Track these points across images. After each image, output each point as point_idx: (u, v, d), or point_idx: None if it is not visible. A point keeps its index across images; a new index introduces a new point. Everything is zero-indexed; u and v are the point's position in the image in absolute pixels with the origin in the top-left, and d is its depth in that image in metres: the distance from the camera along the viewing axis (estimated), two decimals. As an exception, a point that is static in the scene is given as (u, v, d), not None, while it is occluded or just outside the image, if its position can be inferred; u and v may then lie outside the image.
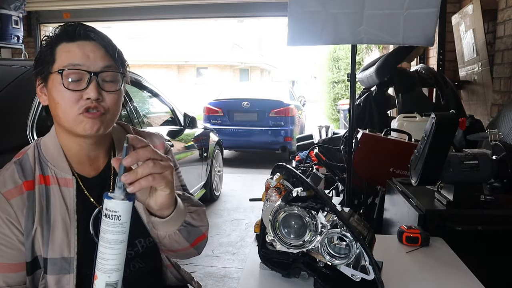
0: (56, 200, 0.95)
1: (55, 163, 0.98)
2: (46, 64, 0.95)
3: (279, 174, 1.06)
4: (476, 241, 1.42)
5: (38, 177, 0.95)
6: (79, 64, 0.92)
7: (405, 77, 3.46)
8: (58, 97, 0.93)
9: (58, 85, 0.93)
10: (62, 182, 0.97)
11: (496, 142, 1.49)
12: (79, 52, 0.93)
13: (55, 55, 0.94)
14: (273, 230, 1.01)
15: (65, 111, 0.93)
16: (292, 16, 2.17)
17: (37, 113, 1.97)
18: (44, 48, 0.97)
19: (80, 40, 0.94)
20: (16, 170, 0.95)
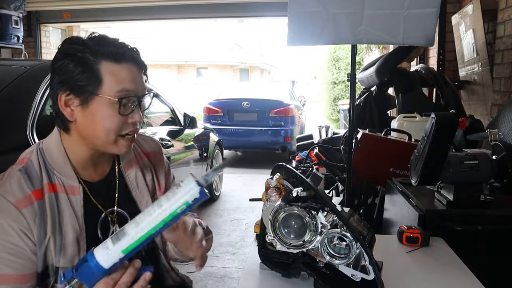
0: (65, 208, 0.94)
1: (60, 170, 0.96)
2: (88, 84, 0.91)
3: (279, 174, 1.06)
4: (476, 241, 1.41)
5: (47, 185, 0.93)
6: (131, 89, 0.93)
7: (405, 77, 3.46)
8: (105, 120, 0.92)
9: (107, 108, 0.92)
10: (69, 190, 0.95)
11: (496, 142, 1.50)
12: (129, 76, 0.93)
13: (100, 75, 0.91)
14: (273, 230, 1.01)
15: (108, 134, 0.93)
16: (292, 16, 2.17)
17: (37, 113, 1.97)
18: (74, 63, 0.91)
19: (126, 62, 0.94)
20: (22, 179, 0.91)
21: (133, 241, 0.74)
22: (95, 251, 0.74)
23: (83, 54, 0.91)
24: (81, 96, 0.92)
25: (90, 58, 0.91)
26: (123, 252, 0.74)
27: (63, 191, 0.95)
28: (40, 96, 2.01)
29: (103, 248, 0.74)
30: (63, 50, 0.94)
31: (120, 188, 1.05)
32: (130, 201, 1.06)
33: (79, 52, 0.91)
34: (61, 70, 0.92)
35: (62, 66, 0.92)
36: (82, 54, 0.91)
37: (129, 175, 1.07)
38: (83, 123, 0.94)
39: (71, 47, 0.92)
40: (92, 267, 0.73)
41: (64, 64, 0.92)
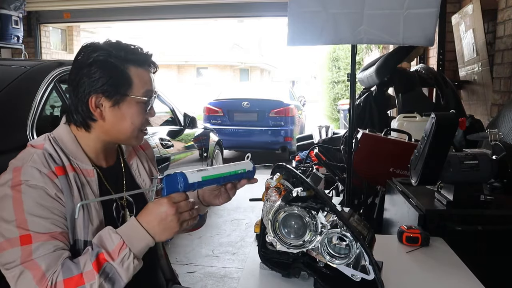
0: (86, 188, 1.02)
1: (74, 156, 1.03)
2: (119, 86, 1.01)
3: (279, 174, 1.06)
4: (476, 241, 1.42)
5: (69, 166, 1.01)
6: (152, 90, 1.07)
7: (405, 77, 3.46)
8: (134, 118, 1.04)
9: (135, 107, 1.04)
10: (85, 173, 1.04)
11: (496, 142, 1.50)
12: (150, 78, 1.07)
13: (130, 78, 1.03)
14: (273, 230, 1.01)
15: (134, 130, 1.06)
16: (292, 16, 2.17)
17: (37, 113, 1.97)
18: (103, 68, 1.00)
19: (147, 66, 1.07)
20: (46, 155, 0.98)
21: (210, 174, 0.99)
22: (184, 172, 0.94)
23: (111, 59, 1.01)
24: (113, 97, 1.02)
25: (118, 63, 1.02)
26: (202, 178, 0.97)
27: (80, 173, 1.03)
28: (40, 96, 2.01)
29: (189, 172, 0.95)
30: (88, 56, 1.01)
31: (126, 176, 1.16)
32: (135, 187, 1.17)
33: (107, 57, 1.01)
34: (91, 76, 1.00)
35: (91, 72, 1.00)
36: (111, 59, 1.01)
37: (132, 165, 1.20)
38: (112, 121, 1.04)
39: (97, 54, 1.01)
40: (179, 176, 0.92)
41: (93, 69, 1.00)
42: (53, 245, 0.91)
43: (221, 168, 1.04)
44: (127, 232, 0.92)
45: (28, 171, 0.94)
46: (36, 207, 0.92)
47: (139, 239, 0.92)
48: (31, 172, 0.94)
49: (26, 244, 0.90)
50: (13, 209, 0.91)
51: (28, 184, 0.93)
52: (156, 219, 0.92)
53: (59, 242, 0.93)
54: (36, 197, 0.93)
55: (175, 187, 0.93)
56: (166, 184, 0.92)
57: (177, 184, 0.93)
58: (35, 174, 0.94)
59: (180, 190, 0.93)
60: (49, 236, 0.91)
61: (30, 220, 0.91)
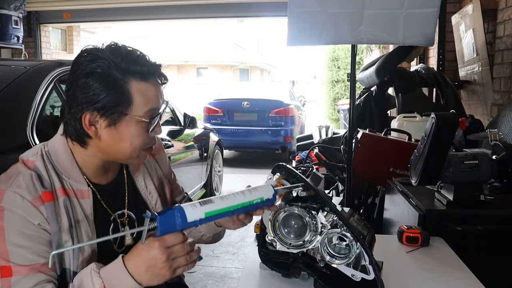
0: (77, 213, 0.93)
1: (68, 174, 0.94)
2: (118, 105, 0.88)
3: (279, 174, 1.06)
4: (476, 241, 1.42)
5: (60, 189, 0.92)
6: (157, 107, 0.94)
7: (405, 77, 3.46)
8: (133, 138, 0.92)
9: (135, 127, 0.91)
10: (78, 194, 0.94)
11: (496, 142, 1.49)
12: (156, 95, 0.93)
13: (131, 95, 0.89)
14: (273, 230, 1.01)
15: (134, 150, 0.94)
16: (292, 16, 2.17)
17: (37, 113, 1.97)
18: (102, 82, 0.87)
19: (153, 79, 0.93)
20: (34, 178, 0.89)
21: (216, 208, 0.84)
22: (182, 205, 0.81)
23: (111, 72, 0.88)
24: (110, 116, 0.89)
25: (118, 76, 0.88)
26: (205, 215, 0.83)
27: (73, 195, 0.94)
28: (40, 96, 2.01)
29: (190, 205, 0.82)
30: (86, 66, 0.88)
31: (129, 191, 1.05)
32: (140, 202, 1.07)
33: (106, 69, 0.88)
34: (86, 89, 0.88)
35: (87, 85, 0.88)
36: (110, 71, 0.88)
37: (138, 177, 1.08)
38: (108, 141, 0.92)
39: (95, 64, 0.88)
40: (176, 213, 0.79)
41: (89, 82, 0.87)
42: (36, 278, 0.84)
43: (231, 199, 0.88)
44: (111, 275, 0.82)
45: (10, 197, 0.86)
46: (18, 236, 0.85)
47: (123, 284, 0.81)
48: (13, 199, 0.86)
49: (6, 277, 0.83)
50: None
51: (10, 211, 0.85)
52: (144, 265, 0.80)
53: (42, 275, 0.86)
54: (18, 225, 0.85)
55: (171, 226, 0.79)
56: (160, 223, 0.78)
57: (174, 222, 0.79)
58: (17, 200, 0.86)
59: (178, 230, 0.80)
60: (30, 269, 0.85)
61: (12, 250, 0.84)
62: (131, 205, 1.05)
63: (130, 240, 0.98)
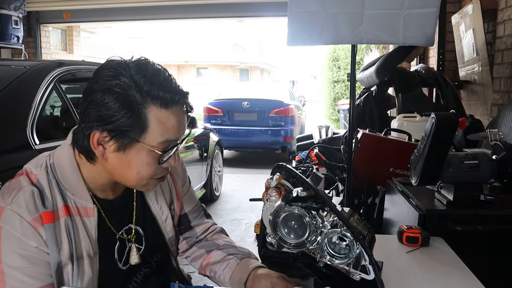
0: (80, 233, 0.89)
1: (73, 191, 0.89)
2: (131, 130, 0.82)
3: (279, 174, 1.06)
4: (476, 241, 1.41)
5: (62, 208, 0.87)
6: (175, 140, 0.87)
7: (405, 77, 3.46)
8: (142, 168, 0.86)
9: (146, 156, 0.85)
10: (83, 212, 0.90)
11: (496, 142, 1.49)
12: (176, 125, 0.85)
13: (147, 122, 0.82)
14: (273, 230, 1.01)
15: (141, 180, 0.88)
16: (292, 16, 2.17)
17: (37, 113, 1.97)
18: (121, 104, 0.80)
19: (176, 107, 0.84)
20: (35, 196, 0.84)
21: None
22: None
23: (130, 92, 0.81)
24: (121, 140, 0.83)
25: (137, 99, 0.81)
26: None
27: (77, 214, 0.89)
28: (40, 96, 2.01)
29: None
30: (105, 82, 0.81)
31: (138, 206, 1.01)
32: (149, 217, 1.03)
33: (126, 89, 0.81)
34: (101, 107, 0.81)
35: (103, 102, 0.81)
36: (129, 92, 0.81)
37: (149, 192, 1.02)
38: (115, 165, 0.87)
39: (115, 82, 0.81)
40: None
41: (105, 100, 0.81)
42: None
43: None
44: None
45: (9, 216, 0.82)
46: (14, 258, 0.81)
47: None
48: (11, 219, 0.82)
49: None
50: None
51: (7, 230, 0.82)
52: None
53: None
54: (15, 247, 0.81)
55: None
56: None
57: None
58: (16, 221, 0.82)
59: None
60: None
61: (7, 272, 0.81)
62: (139, 220, 1.01)
63: (136, 259, 0.96)
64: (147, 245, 1.01)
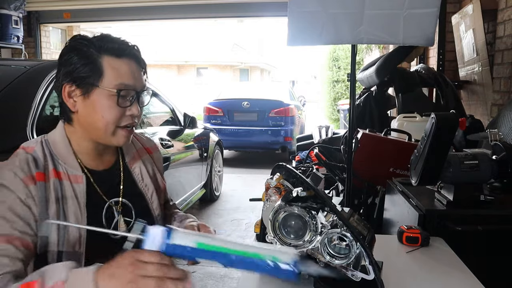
0: (69, 195, 0.98)
1: (64, 160, 1.00)
2: (90, 76, 0.97)
3: (279, 174, 1.06)
4: (476, 241, 1.41)
5: (52, 171, 0.97)
6: (129, 84, 0.99)
7: (405, 77, 3.46)
8: (105, 111, 0.98)
9: (106, 100, 0.98)
10: (73, 179, 0.99)
11: (496, 142, 1.49)
12: (128, 71, 0.99)
13: (102, 69, 0.97)
14: (273, 230, 1.01)
15: (107, 125, 0.99)
16: (292, 16, 2.17)
17: (37, 113, 1.97)
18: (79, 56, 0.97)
19: (126, 57, 1.00)
20: (29, 160, 0.96)
21: (211, 243, 0.74)
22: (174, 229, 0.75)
23: (87, 49, 0.98)
24: (83, 87, 0.97)
25: (93, 52, 0.97)
26: (197, 245, 0.74)
27: (67, 179, 0.99)
28: (40, 96, 2.01)
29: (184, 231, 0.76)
30: (70, 45, 1.00)
31: (125, 181, 1.10)
32: (136, 194, 1.11)
33: (84, 46, 0.98)
34: (67, 63, 0.98)
35: (68, 59, 0.98)
36: (87, 49, 0.98)
37: (134, 169, 1.13)
38: (84, 113, 0.99)
39: (77, 42, 0.99)
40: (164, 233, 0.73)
41: (69, 57, 0.98)
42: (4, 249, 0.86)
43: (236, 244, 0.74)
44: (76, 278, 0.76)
45: (4, 173, 0.94)
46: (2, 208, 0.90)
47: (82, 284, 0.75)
48: (5, 175, 0.93)
49: None
50: None
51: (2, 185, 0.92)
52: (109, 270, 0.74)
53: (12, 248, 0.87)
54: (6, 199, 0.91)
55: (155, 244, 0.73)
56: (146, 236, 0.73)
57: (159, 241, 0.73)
58: (10, 176, 0.93)
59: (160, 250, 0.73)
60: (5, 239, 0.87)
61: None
62: (127, 194, 1.08)
63: (124, 227, 1.04)
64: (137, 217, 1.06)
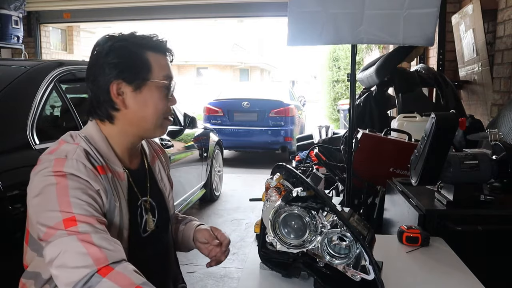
0: (119, 190, 1.03)
1: (107, 157, 1.03)
2: (139, 72, 1.01)
3: (279, 174, 1.06)
4: (476, 241, 1.41)
5: (106, 166, 1.01)
6: (171, 75, 1.07)
7: (405, 77, 3.45)
8: (157, 103, 1.04)
9: (157, 92, 1.03)
10: (116, 175, 1.04)
11: (496, 142, 1.49)
12: (167, 64, 1.07)
13: (149, 63, 1.03)
14: (273, 230, 1.01)
15: (158, 116, 1.05)
16: (292, 16, 2.17)
17: (37, 113, 1.97)
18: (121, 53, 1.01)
19: (163, 52, 1.07)
20: (86, 153, 0.98)
21: None
22: None
23: (128, 45, 1.02)
24: (134, 82, 1.01)
25: (136, 49, 1.02)
26: None
27: (115, 175, 1.03)
28: (40, 96, 2.01)
29: None
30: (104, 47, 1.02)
31: (151, 180, 1.16)
32: (158, 191, 1.17)
33: (125, 44, 1.02)
34: (110, 63, 1.00)
35: (111, 59, 1.01)
36: (127, 45, 1.02)
37: (155, 168, 1.19)
38: (135, 108, 1.03)
39: (113, 42, 1.02)
40: None
41: (111, 58, 1.00)
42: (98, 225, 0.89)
43: None
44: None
45: (73, 164, 0.93)
46: (80, 193, 0.91)
47: None
48: (76, 166, 0.93)
49: (71, 226, 0.87)
50: (57, 196, 0.89)
51: (73, 175, 0.92)
52: None
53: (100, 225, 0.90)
54: (81, 186, 0.92)
55: None
56: None
57: None
58: (80, 167, 0.94)
59: None
60: (92, 218, 0.90)
61: (74, 202, 0.89)
62: (152, 192, 1.14)
63: (152, 225, 1.11)
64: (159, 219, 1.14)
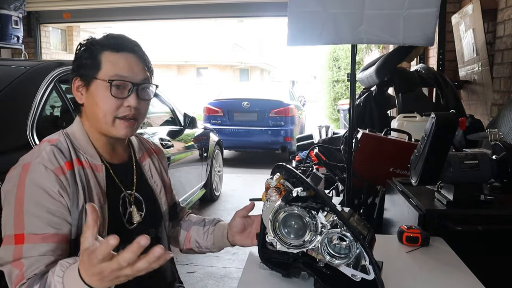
0: (91, 182, 1.04)
1: (85, 151, 1.07)
2: (90, 69, 1.05)
3: (279, 174, 1.06)
4: (476, 241, 1.41)
5: (76, 160, 1.04)
6: (125, 76, 1.05)
7: (405, 77, 3.46)
8: (102, 101, 1.05)
9: (103, 91, 1.05)
10: (94, 168, 1.07)
11: (496, 142, 1.49)
12: (125, 64, 1.06)
13: (100, 62, 1.05)
14: (273, 230, 1.01)
15: (105, 115, 1.05)
16: (292, 16, 2.17)
17: (37, 113, 1.97)
18: (84, 52, 1.07)
19: (125, 52, 1.07)
20: (55, 151, 1.01)
21: None
22: None
23: (93, 46, 1.07)
24: (85, 79, 1.06)
25: (96, 48, 1.06)
26: None
27: (88, 167, 1.06)
28: (40, 96, 2.01)
29: None
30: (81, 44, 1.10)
31: (137, 175, 1.18)
32: (147, 189, 1.20)
33: (90, 44, 1.08)
34: (76, 59, 1.09)
35: (77, 56, 1.09)
36: (92, 46, 1.07)
37: (144, 166, 1.23)
38: (88, 105, 1.08)
39: (87, 42, 1.09)
40: None
41: (79, 54, 1.08)
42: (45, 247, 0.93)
43: None
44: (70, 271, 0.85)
45: (35, 167, 0.98)
46: (35, 206, 0.95)
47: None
48: (38, 169, 0.97)
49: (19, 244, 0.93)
50: (14, 207, 0.95)
51: (33, 181, 0.96)
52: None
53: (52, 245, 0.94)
54: (37, 196, 0.96)
55: None
56: None
57: None
58: (41, 170, 0.97)
59: None
60: (41, 238, 0.94)
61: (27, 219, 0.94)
62: (139, 188, 1.16)
63: (138, 218, 1.13)
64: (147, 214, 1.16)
